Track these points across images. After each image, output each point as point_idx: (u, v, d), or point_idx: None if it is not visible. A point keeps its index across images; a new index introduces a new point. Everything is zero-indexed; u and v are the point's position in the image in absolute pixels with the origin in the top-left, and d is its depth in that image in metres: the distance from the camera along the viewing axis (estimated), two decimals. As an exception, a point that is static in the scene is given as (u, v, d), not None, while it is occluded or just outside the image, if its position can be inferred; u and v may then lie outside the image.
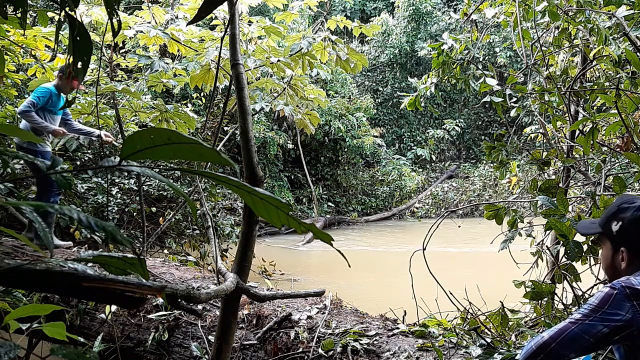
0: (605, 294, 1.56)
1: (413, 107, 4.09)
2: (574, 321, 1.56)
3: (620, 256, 1.70)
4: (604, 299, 1.55)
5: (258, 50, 4.49)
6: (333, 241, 0.97)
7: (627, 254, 1.68)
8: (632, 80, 3.06)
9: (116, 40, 4.95)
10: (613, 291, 1.55)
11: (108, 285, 1.04)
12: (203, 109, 11.62)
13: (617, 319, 1.52)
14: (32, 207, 0.88)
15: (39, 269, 0.98)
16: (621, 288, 1.54)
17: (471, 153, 18.99)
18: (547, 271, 3.32)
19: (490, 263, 6.57)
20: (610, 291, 1.55)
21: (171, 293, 1.33)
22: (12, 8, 1.53)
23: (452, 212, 3.65)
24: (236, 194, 0.98)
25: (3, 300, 2.21)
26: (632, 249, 1.68)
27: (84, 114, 4.99)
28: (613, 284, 1.57)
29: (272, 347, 3.15)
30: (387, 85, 18.74)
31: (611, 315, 1.53)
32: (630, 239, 1.68)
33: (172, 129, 0.86)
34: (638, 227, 1.66)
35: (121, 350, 3.32)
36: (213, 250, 2.84)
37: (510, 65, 15.89)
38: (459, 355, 2.74)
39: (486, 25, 4.72)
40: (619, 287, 1.54)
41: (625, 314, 1.52)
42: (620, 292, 1.54)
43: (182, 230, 7.56)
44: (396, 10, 18.78)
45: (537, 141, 5.84)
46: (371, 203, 15.72)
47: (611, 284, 1.58)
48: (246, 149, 2.43)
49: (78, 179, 6.95)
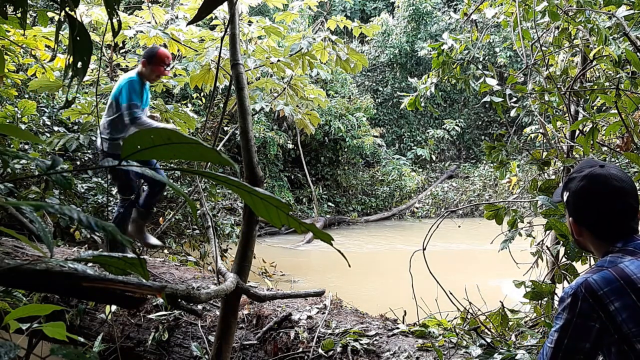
0: (570, 306, 1.49)
1: (413, 107, 4.09)
2: (554, 347, 1.50)
3: (573, 227, 1.64)
4: (570, 312, 1.48)
5: (258, 50, 4.49)
6: (333, 241, 0.97)
7: (575, 226, 1.62)
8: (632, 80, 3.05)
9: (116, 40, 4.95)
10: (576, 301, 1.47)
11: (108, 285, 1.04)
12: (203, 109, 11.61)
13: (590, 330, 1.46)
14: (31, 207, 0.88)
15: (39, 269, 0.98)
16: (583, 295, 1.46)
17: (471, 153, 18.99)
18: (547, 271, 3.32)
19: (490, 263, 6.57)
20: (574, 301, 1.48)
21: (171, 293, 1.33)
22: (12, 8, 1.52)
23: (452, 212, 3.65)
24: (236, 194, 0.98)
25: (3, 300, 2.21)
26: (577, 221, 1.61)
27: (84, 114, 4.99)
28: (575, 291, 1.49)
29: (272, 347, 3.15)
30: (387, 85, 18.73)
31: (583, 330, 1.47)
32: (574, 210, 1.62)
33: (172, 129, 0.86)
34: (578, 198, 1.59)
35: (121, 350, 3.33)
36: (213, 250, 2.84)
37: (510, 65, 15.88)
38: (459, 355, 2.74)
39: (486, 25, 4.72)
40: (581, 296, 1.47)
41: (595, 324, 1.45)
42: (583, 301, 1.46)
43: (182, 230, 7.56)
44: (396, 10, 18.78)
45: (537, 141, 5.84)
46: (371, 203, 15.72)
47: (573, 291, 1.49)
48: (246, 149, 2.44)
49: (78, 179, 6.95)
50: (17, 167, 5.54)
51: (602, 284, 1.46)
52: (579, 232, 1.64)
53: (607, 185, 1.54)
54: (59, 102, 7.24)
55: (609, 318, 1.43)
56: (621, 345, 1.44)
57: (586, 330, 1.46)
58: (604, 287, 1.45)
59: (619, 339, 1.43)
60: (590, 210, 1.58)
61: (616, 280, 1.45)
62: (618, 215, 1.55)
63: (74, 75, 1.26)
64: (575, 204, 1.61)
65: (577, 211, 1.61)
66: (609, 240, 1.56)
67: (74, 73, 1.26)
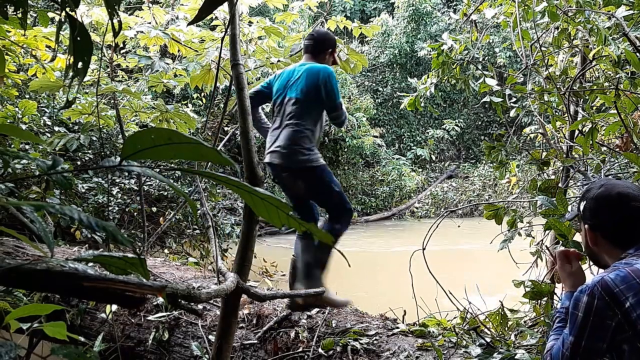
0: (586, 305, 1.52)
1: (413, 108, 4.09)
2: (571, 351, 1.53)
3: (588, 235, 1.69)
4: (586, 311, 1.51)
5: (258, 51, 4.49)
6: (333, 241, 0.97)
7: (591, 234, 1.68)
8: (632, 81, 3.06)
9: (117, 40, 4.95)
10: (593, 299, 1.51)
11: (109, 285, 1.04)
12: (203, 109, 11.62)
13: (607, 329, 1.49)
14: (32, 207, 0.89)
15: (39, 268, 0.98)
16: (599, 294, 1.50)
17: (471, 153, 18.99)
18: (547, 271, 3.32)
19: (490, 263, 6.58)
20: (590, 299, 1.51)
21: (171, 293, 1.33)
22: (13, 8, 1.53)
23: (451, 212, 3.65)
24: (236, 193, 0.98)
25: (4, 300, 2.21)
26: (594, 227, 1.67)
27: (84, 114, 4.99)
28: (591, 290, 1.52)
29: (272, 347, 3.15)
30: (387, 86, 18.74)
31: (600, 329, 1.49)
32: (591, 216, 1.68)
33: (173, 129, 0.86)
34: (596, 203, 1.67)
35: (121, 349, 3.33)
36: (213, 250, 2.85)
37: (510, 66, 15.89)
38: (459, 354, 2.74)
39: (486, 26, 4.72)
40: (598, 294, 1.50)
41: (612, 322, 1.48)
42: (599, 299, 1.50)
43: (182, 230, 7.57)
44: (396, 10, 18.79)
45: (537, 141, 5.84)
46: (371, 203, 15.72)
47: (590, 290, 1.53)
48: (246, 149, 2.44)
49: (79, 179, 6.95)
50: (17, 167, 5.54)
51: (618, 281, 1.50)
52: (594, 240, 1.69)
53: (624, 191, 1.64)
54: (60, 103, 7.25)
55: (624, 315, 1.47)
56: (634, 343, 1.47)
57: (603, 330, 1.49)
58: (620, 284, 1.49)
59: (633, 336, 1.46)
60: (608, 214, 1.65)
61: (632, 278, 1.50)
62: (635, 221, 1.62)
63: (74, 76, 1.27)
64: (593, 209, 1.68)
65: (594, 217, 1.68)
66: (624, 245, 1.62)
67: (75, 73, 1.27)
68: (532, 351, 2.60)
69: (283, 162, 3.20)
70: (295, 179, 3.26)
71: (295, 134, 3.20)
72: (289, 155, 3.19)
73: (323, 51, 3.38)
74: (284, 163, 3.21)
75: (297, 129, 3.21)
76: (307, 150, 3.21)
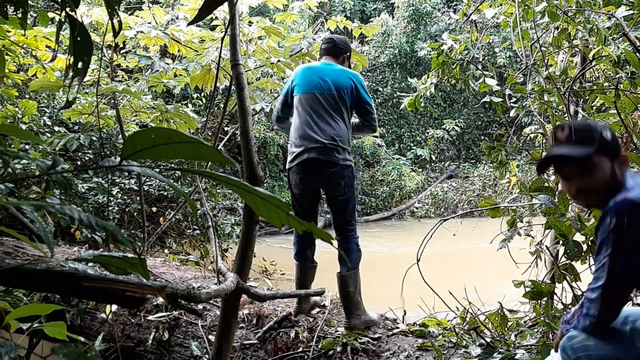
0: (616, 223, 1.52)
1: (413, 108, 4.09)
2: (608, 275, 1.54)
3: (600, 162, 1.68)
4: (617, 228, 1.52)
5: (258, 51, 4.50)
6: (333, 241, 0.97)
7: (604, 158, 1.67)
8: (631, 81, 3.06)
9: (117, 40, 4.95)
10: (622, 216, 1.51)
11: (109, 285, 1.04)
12: (203, 109, 11.62)
13: (638, 244, 1.51)
14: (32, 207, 0.89)
15: (39, 268, 0.98)
16: (628, 210, 1.51)
17: (471, 153, 18.99)
18: (547, 271, 3.33)
19: (489, 263, 6.57)
20: (619, 217, 1.52)
21: (171, 293, 1.33)
22: (13, 8, 1.53)
23: (452, 217, 3.65)
24: (237, 193, 0.98)
25: (4, 300, 2.21)
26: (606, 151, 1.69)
27: (84, 114, 4.99)
28: (618, 207, 1.54)
29: (273, 347, 3.15)
30: (387, 86, 18.73)
31: (633, 244, 1.51)
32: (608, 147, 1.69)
33: (173, 129, 0.86)
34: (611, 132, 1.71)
35: (122, 349, 3.33)
36: (213, 250, 2.85)
37: (510, 66, 15.89)
38: (459, 354, 2.74)
39: (486, 26, 4.72)
40: (626, 211, 1.51)
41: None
42: (628, 215, 1.51)
43: (182, 230, 7.56)
44: (396, 10, 18.78)
45: (537, 141, 5.84)
46: (371, 203, 15.72)
47: (617, 207, 1.54)
48: (246, 149, 2.44)
49: (79, 179, 6.95)
50: (17, 167, 5.55)
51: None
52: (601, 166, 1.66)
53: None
54: (60, 103, 7.25)
55: None
56: None
57: (635, 244, 1.51)
58: None
59: None
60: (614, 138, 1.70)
61: None
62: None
63: (74, 76, 1.27)
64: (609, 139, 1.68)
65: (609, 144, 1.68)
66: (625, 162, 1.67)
67: (75, 73, 1.27)
68: (532, 351, 2.60)
69: (325, 158, 3.08)
70: (336, 176, 3.13)
71: (339, 130, 3.13)
72: (334, 150, 3.09)
73: (342, 54, 3.42)
74: (326, 159, 3.09)
75: (339, 125, 3.15)
76: (349, 147, 3.20)
